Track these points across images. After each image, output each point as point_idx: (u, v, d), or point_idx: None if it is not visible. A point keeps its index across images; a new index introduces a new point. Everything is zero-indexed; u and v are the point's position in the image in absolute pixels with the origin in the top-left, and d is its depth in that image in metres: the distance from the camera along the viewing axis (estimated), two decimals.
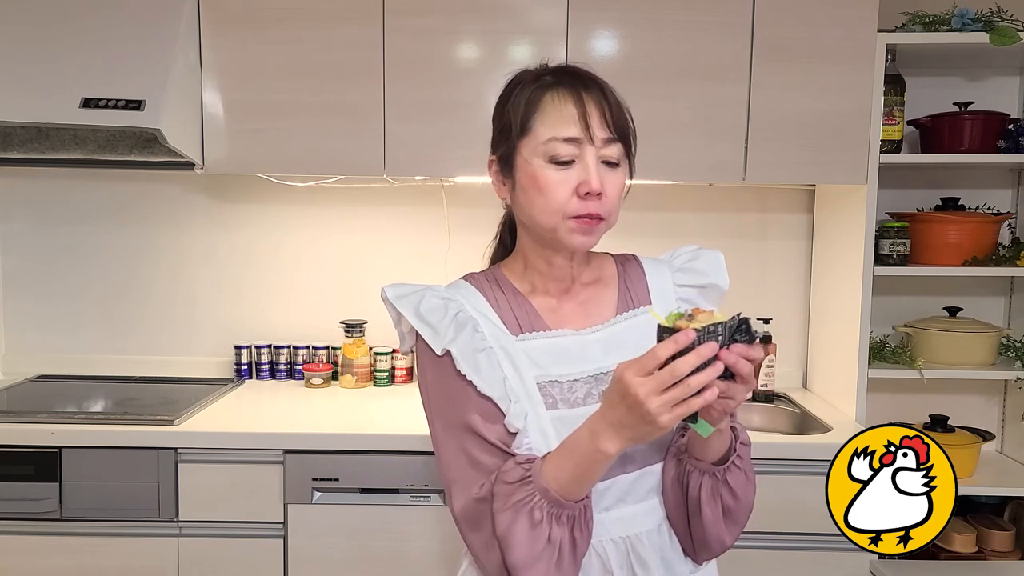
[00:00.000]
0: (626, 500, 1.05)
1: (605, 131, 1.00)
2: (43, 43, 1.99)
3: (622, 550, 1.04)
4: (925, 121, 2.23)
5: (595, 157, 1.00)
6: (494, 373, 1.01)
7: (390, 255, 2.50)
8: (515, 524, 0.94)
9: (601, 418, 0.91)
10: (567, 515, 0.95)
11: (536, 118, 1.02)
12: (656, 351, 0.85)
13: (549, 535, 0.94)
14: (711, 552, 1.07)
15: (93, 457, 1.90)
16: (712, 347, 0.84)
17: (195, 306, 2.52)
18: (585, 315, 1.09)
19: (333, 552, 1.92)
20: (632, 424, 0.88)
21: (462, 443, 1.01)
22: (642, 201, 2.44)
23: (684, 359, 0.83)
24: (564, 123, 1.00)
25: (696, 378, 0.83)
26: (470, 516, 0.99)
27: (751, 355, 0.87)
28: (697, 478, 1.02)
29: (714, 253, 1.16)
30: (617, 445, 0.90)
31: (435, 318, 1.03)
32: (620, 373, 0.87)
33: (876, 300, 2.15)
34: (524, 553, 0.94)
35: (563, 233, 1.01)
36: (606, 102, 1.01)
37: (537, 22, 2.07)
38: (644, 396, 0.84)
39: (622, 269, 1.15)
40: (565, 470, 0.94)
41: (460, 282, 1.11)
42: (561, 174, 1.00)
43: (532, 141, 1.02)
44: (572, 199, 1.00)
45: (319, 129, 2.10)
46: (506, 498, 0.95)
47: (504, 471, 0.97)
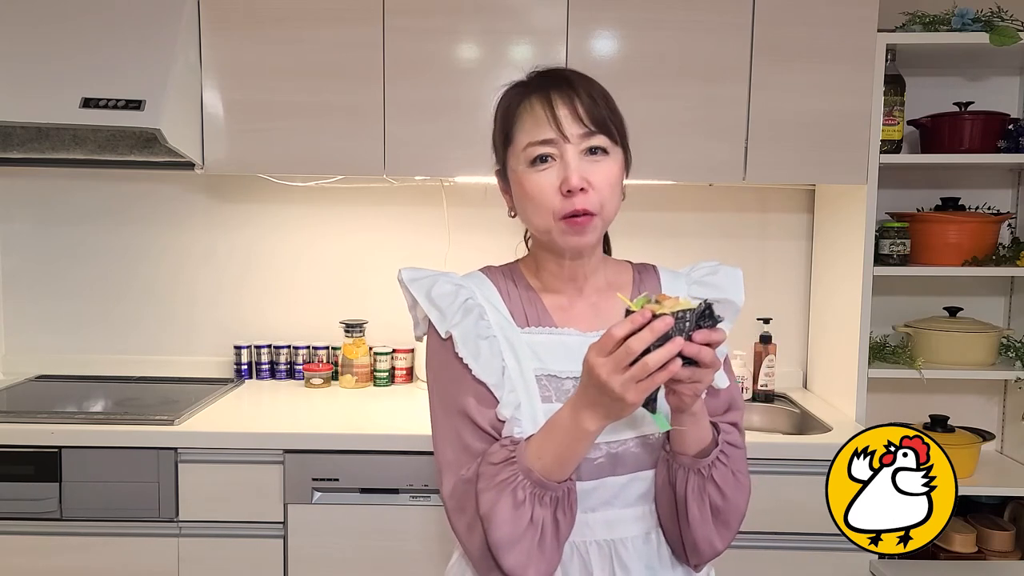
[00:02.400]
0: (613, 504, 1.05)
1: (579, 126, 1.01)
2: (43, 43, 1.99)
3: (605, 553, 1.04)
4: (925, 121, 2.23)
5: (575, 153, 1.01)
6: (493, 361, 1.03)
7: (390, 255, 2.50)
8: (498, 503, 0.95)
9: (578, 398, 0.93)
10: (550, 496, 0.96)
11: (515, 127, 1.05)
12: (612, 331, 0.87)
13: (532, 515, 0.95)
14: (702, 556, 1.06)
15: (93, 457, 1.90)
16: (666, 321, 0.85)
17: (195, 306, 2.52)
18: (595, 318, 1.10)
19: (333, 552, 1.92)
20: (604, 403, 0.90)
21: (456, 426, 1.03)
22: (642, 201, 2.44)
23: (637, 336, 0.85)
24: (537, 127, 1.02)
25: (653, 357, 0.85)
26: (456, 497, 1.01)
27: (713, 339, 0.89)
28: (683, 475, 1.02)
29: (733, 270, 1.16)
30: (597, 423, 0.92)
31: (444, 302, 1.06)
32: (586, 354, 0.90)
33: (876, 300, 2.15)
34: (506, 532, 0.95)
35: (556, 235, 1.03)
36: (577, 97, 1.02)
37: (537, 22, 2.07)
38: (607, 376, 0.87)
39: (639, 277, 1.16)
40: (548, 450, 0.95)
41: (476, 272, 1.14)
42: (542, 175, 1.02)
43: (515, 150, 1.05)
44: (556, 197, 1.01)
45: (319, 129, 2.10)
46: (490, 478, 0.97)
47: (490, 452, 0.99)
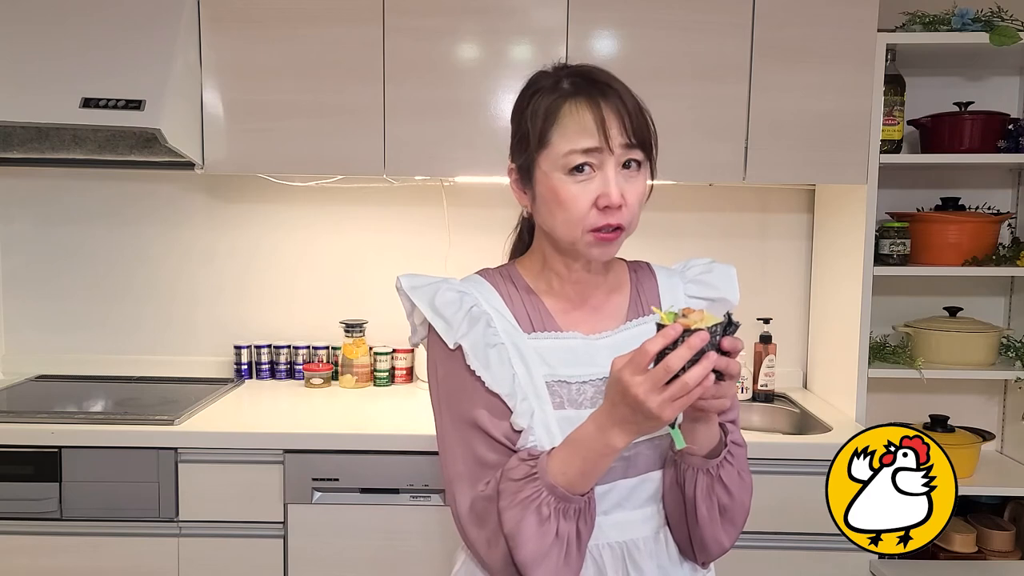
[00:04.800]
0: (624, 505, 1.05)
1: (624, 138, 0.98)
2: (43, 43, 1.99)
3: (618, 555, 1.04)
4: (925, 121, 2.23)
5: (615, 167, 0.98)
6: (504, 369, 1.01)
7: (390, 255, 2.49)
8: (523, 521, 0.94)
9: (606, 416, 0.92)
10: (574, 509, 0.95)
11: (555, 130, 1.00)
12: (646, 346, 0.86)
13: (557, 530, 0.95)
14: (709, 554, 1.07)
15: (93, 457, 1.90)
16: (703, 337, 0.85)
17: (195, 306, 2.52)
18: (596, 319, 1.09)
19: (333, 552, 1.92)
20: (637, 421, 0.90)
21: (468, 439, 1.01)
22: None
23: (676, 354, 0.85)
24: (582, 134, 0.98)
25: (692, 375, 0.85)
26: (476, 513, 0.99)
27: (736, 348, 0.89)
28: (692, 476, 1.02)
29: (727, 267, 1.16)
30: (625, 439, 0.92)
31: (449, 311, 1.03)
32: (618, 373, 0.89)
33: (876, 300, 2.15)
34: (534, 549, 0.94)
35: (583, 247, 1.01)
36: (624, 109, 0.99)
37: (537, 22, 2.07)
38: (644, 395, 0.86)
39: (635, 276, 1.15)
40: (573, 466, 0.95)
41: (475, 277, 1.11)
42: (580, 186, 0.98)
43: (551, 154, 1.00)
44: (592, 212, 0.98)
45: (319, 129, 2.10)
46: (512, 495, 0.95)
47: (509, 468, 0.97)
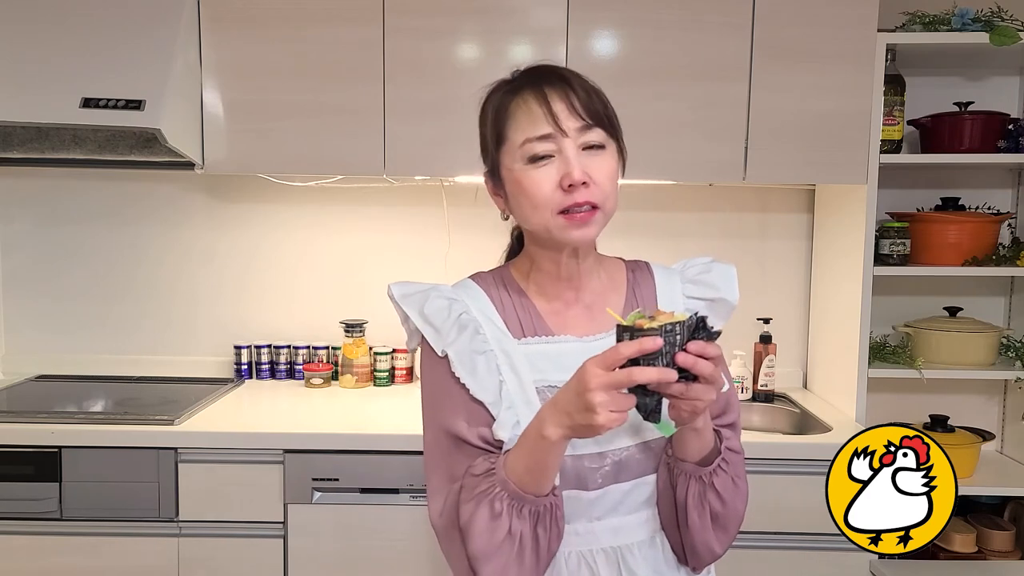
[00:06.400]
0: (618, 511, 1.04)
1: (576, 120, 0.99)
2: (43, 43, 1.99)
3: (612, 560, 1.03)
4: (925, 121, 2.23)
5: (574, 148, 0.99)
6: (491, 377, 1.01)
7: (390, 255, 2.50)
8: (476, 514, 0.94)
9: (548, 406, 0.92)
10: (529, 509, 0.94)
11: (508, 125, 1.02)
12: (620, 348, 0.85)
13: (510, 527, 0.94)
14: (701, 560, 1.06)
15: (93, 457, 1.90)
16: (656, 342, 0.83)
17: (195, 306, 2.52)
18: (590, 320, 1.07)
19: (333, 552, 1.92)
20: (573, 410, 0.87)
21: (446, 450, 1.01)
22: (642, 201, 2.44)
23: (644, 371, 0.84)
24: (534, 123, 0.99)
25: (640, 370, 0.84)
26: (446, 515, 0.99)
27: (707, 352, 0.86)
28: (684, 482, 1.01)
29: (726, 267, 1.13)
30: (558, 431, 0.90)
31: (439, 319, 1.03)
32: (585, 362, 0.88)
33: (876, 300, 2.15)
34: (483, 543, 0.94)
35: (557, 232, 1.00)
36: (571, 91, 1.00)
37: (537, 22, 2.07)
38: (594, 386, 0.85)
39: (632, 276, 1.13)
40: (520, 460, 0.94)
41: (467, 282, 1.11)
42: (542, 171, 0.99)
43: (510, 148, 1.02)
44: (557, 193, 0.98)
45: (319, 129, 2.10)
46: (471, 489, 0.96)
47: (474, 464, 0.98)
